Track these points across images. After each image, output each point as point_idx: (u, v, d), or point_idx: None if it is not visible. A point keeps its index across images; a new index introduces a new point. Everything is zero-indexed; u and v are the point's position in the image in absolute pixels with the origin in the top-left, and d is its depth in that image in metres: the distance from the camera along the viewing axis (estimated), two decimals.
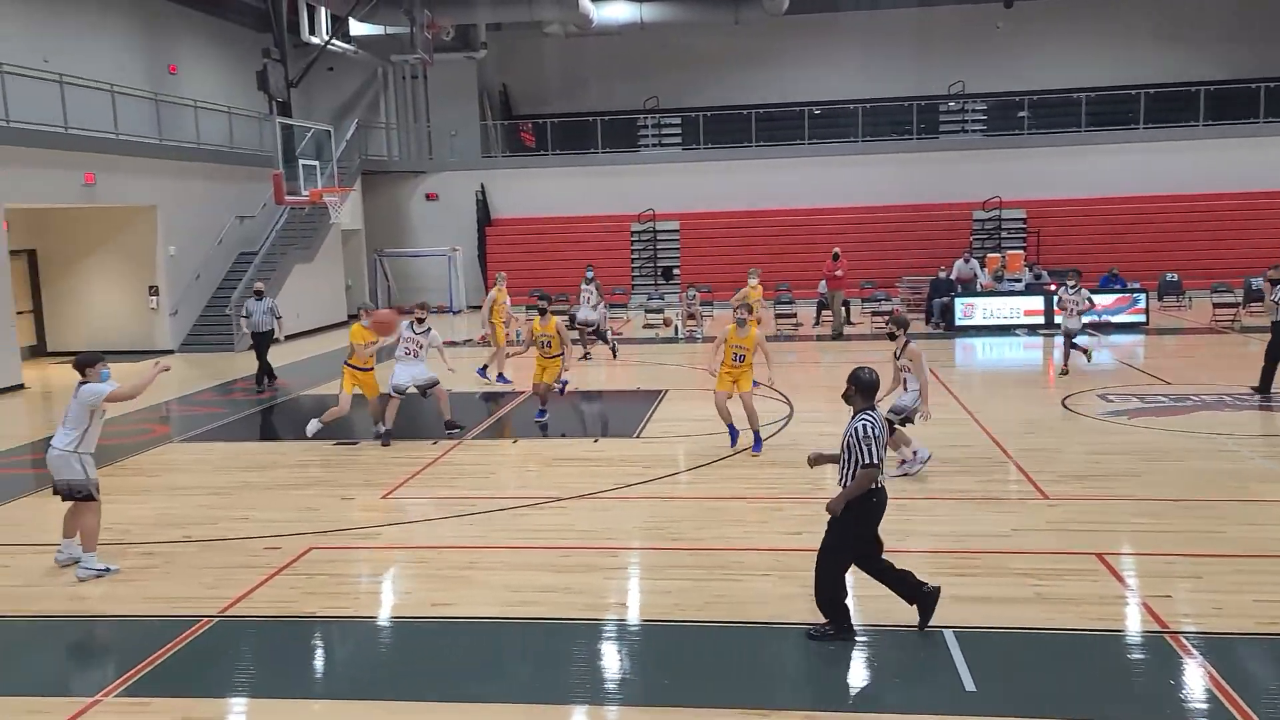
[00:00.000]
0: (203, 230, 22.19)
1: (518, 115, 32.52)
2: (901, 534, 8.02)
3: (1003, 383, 16.20)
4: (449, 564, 7.74)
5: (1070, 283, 15.62)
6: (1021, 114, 29.40)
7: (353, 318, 12.83)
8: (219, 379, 17.64)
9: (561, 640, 6.30)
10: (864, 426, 6.03)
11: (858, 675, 5.83)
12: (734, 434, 11.15)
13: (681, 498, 9.47)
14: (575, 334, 17.65)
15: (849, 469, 6.04)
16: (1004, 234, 27.88)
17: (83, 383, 7.72)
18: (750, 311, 11.31)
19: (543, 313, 12.53)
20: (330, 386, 16.57)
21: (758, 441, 11.01)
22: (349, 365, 12.03)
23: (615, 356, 18.28)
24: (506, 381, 15.66)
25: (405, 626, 6.68)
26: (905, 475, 9.76)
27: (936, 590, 6.22)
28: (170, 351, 21.13)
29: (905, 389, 9.88)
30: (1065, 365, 15.57)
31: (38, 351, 21.07)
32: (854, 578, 6.37)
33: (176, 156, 21.37)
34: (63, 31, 20.68)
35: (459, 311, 28.75)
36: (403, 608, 7.03)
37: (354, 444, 12.05)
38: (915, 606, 6.21)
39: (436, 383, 12.22)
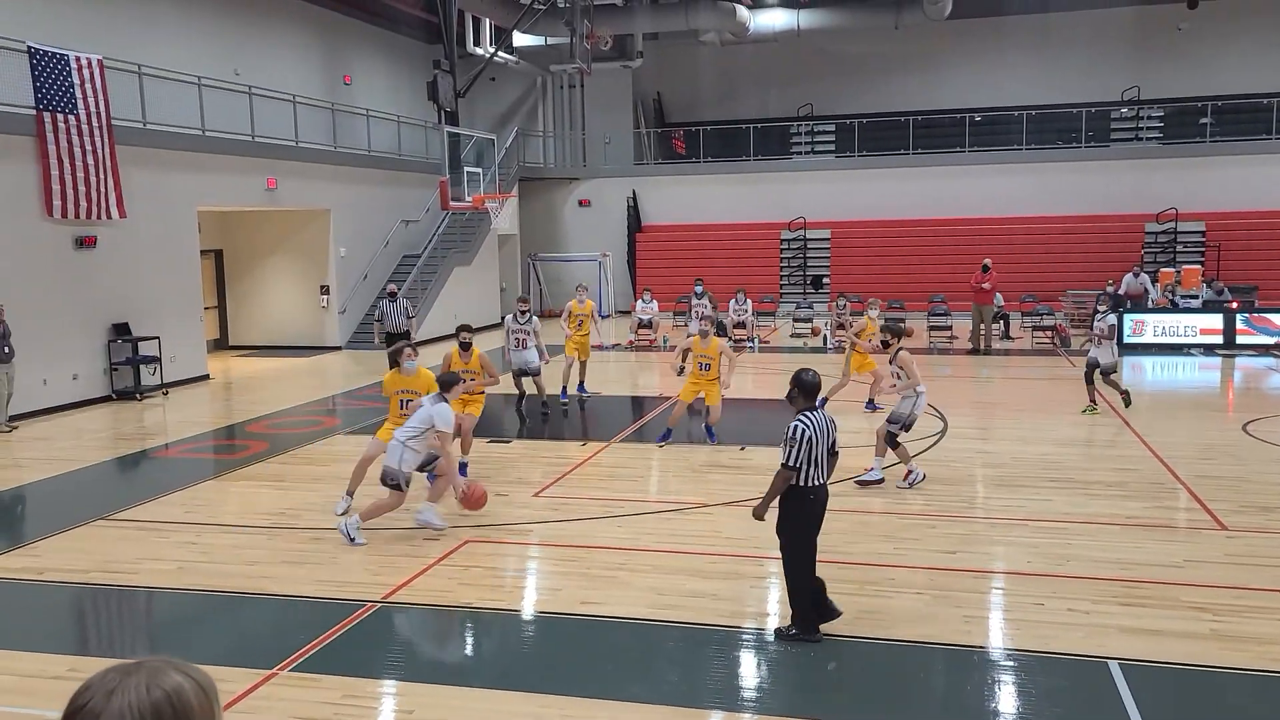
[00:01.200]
0: (370, 233, 23.33)
1: (671, 123, 32.81)
2: (1060, 558, 7.72)
3: (1175, 404, 15.29)
4: (599, 564, 7.89)
5: (1100, 308, 13.81)
6: (1203, 120, 27.67)
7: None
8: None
9: (705, 645, 6.33)
10: (792, 426, 6.11)
11: (1011, 703, 5.63)
12: (667, 434, 11.86)
13: (830, 510, 9.33)
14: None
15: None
16: (1179, 247, 26.31)
17: (441, 398, 8.45)
18: (714, 326, 12.40)
19: (465, 347, 11.13)
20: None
21: (711, 433, 11.81)
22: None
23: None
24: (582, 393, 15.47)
25: (555, 622, 6.85)
26: (910, 487, 9.75)
27: (838, 613, 6.30)
28: (338, 348, 22.31)
29: (901, 396, 10.04)
30: (1092, 400, 13.48)
31: (220, 345, 22.59)
32: (1014, 600, 6.17)
33: (349, 163, 22.56)
34: (251, 46, 22.16)
35: (608, 316, 29.20)
36: (553, 603, 7.22)
37: (506, 442, 12.42)
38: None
39: (539, 371, 13.58)
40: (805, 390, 6.35)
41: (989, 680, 5.81)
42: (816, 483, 6.20)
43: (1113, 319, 13.54)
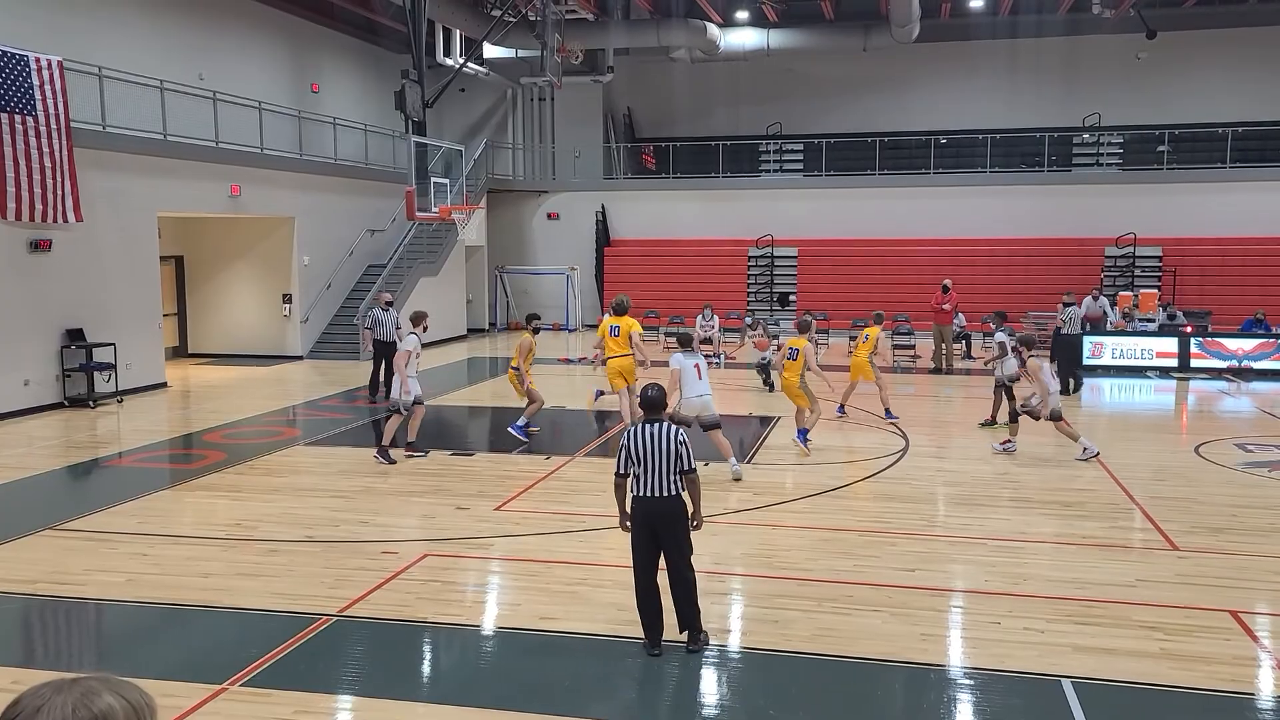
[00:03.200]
0: (335, 242, 23.15)
1: (641, 138, 32.92)
2: (1017, 577, 7.79)
3: (1132, 426, 15.53)
4: (559, 579, 7.85)
5: (992, 325, 15.07)
6: (1161, 148, 28.23)
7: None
8: (344, 386, 18.33)
9: (666, 662, 6.31)
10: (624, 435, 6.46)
11: (973, 719, 5.67)
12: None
13: (791, 526, 9.39)
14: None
15: None
16: (1137, 272, 26.77)
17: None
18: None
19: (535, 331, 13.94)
20: (450, 398, 17.07)
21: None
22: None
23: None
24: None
25: (514, 637, 6.79)
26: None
27: (655, 649, 6.35)
28: (300, 357, 22.08)
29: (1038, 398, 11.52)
30: (992, 415, 14.16)
31: (179, 352, 22.28)
32: (971, 618, 6.20)
33: (315, 171, 22.38)
34: (217, 51, 21.96)
35: (574, 330, 29.19)
36: (512, 619, 7.16)
37: (469, 455, 12.34)
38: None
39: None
40: (644, 403, 6.58)
41: (945, 699, 5.84)
42: (645, 493, 6.30)
43: (1001, 336, 14.29)
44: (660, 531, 6.34)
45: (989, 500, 10.18)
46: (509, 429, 13.08)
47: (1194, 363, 19.83)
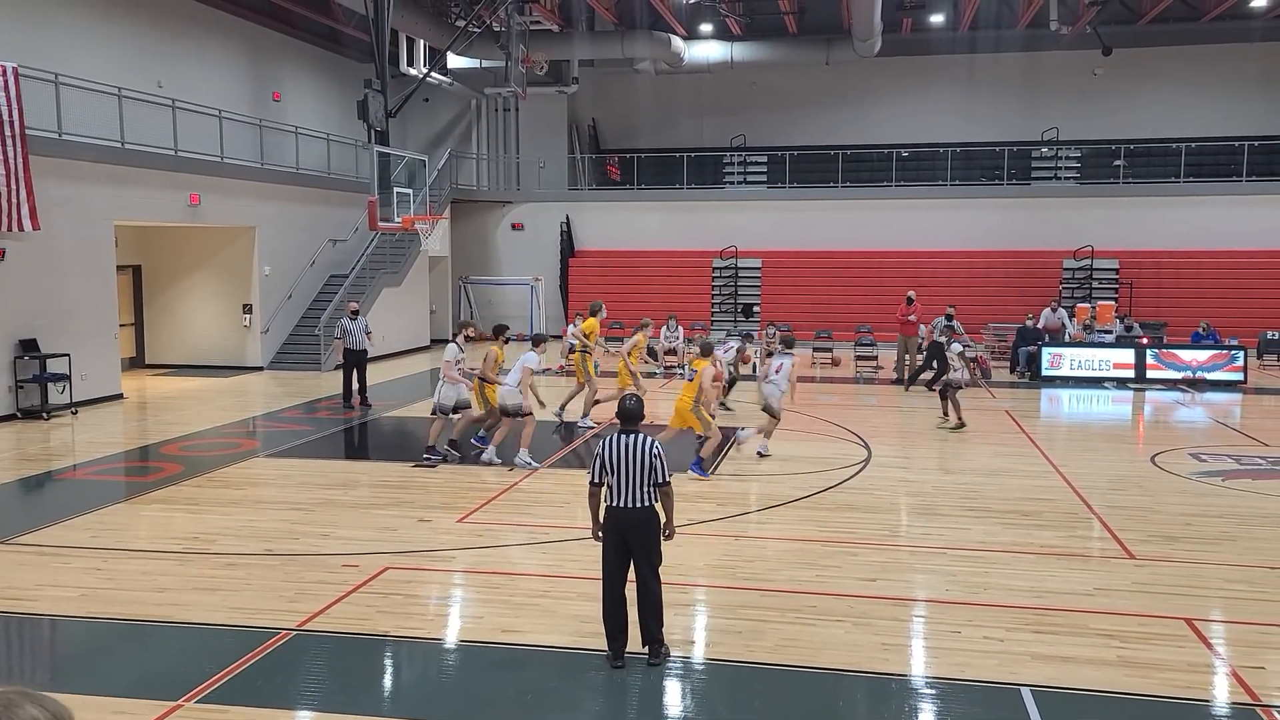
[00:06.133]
0: (296, 252, 22.93)
1: (606, 149, 32.98)
2: (977, 587, 7.86)
3: (1090, 436, 15.75)
4: (522, 591, 7.80)
5: (941, 339, 16.97)
6: (1117, 162, 28.76)
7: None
8: (305, 397, 18.14)
9: (630, 674, 6.29)
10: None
11: None
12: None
13: (754, 537, 9.42)
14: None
15: None
16: (1095, 284, 27.20)
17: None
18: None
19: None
20: (413, 409, 16.94)
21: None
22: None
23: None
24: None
25: (476, 651, 6.74)
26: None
27: (618, 661, 6.33)
28: (260, 368, 21.82)
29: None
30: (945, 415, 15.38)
31: (136, 363, 21.93)
32: (932, 627, 6.25)
33: (276, 180, 22.17)
34: (176, 58, 21.71)
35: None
36: (474, 632, 7.11)
37: (432, 466, 12.25)
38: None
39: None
40: (620, 414, 6.68)
41: (906, 708, 5.87)
42: (619, 503, 6.32)
43: (957, 346, 15.67)
44: (631, 542, 6.33)
45: (950, 510, 10.27)
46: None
47: (1150, 374, 20.17)
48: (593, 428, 14.84)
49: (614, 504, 6.35)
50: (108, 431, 14.96)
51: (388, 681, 6.44)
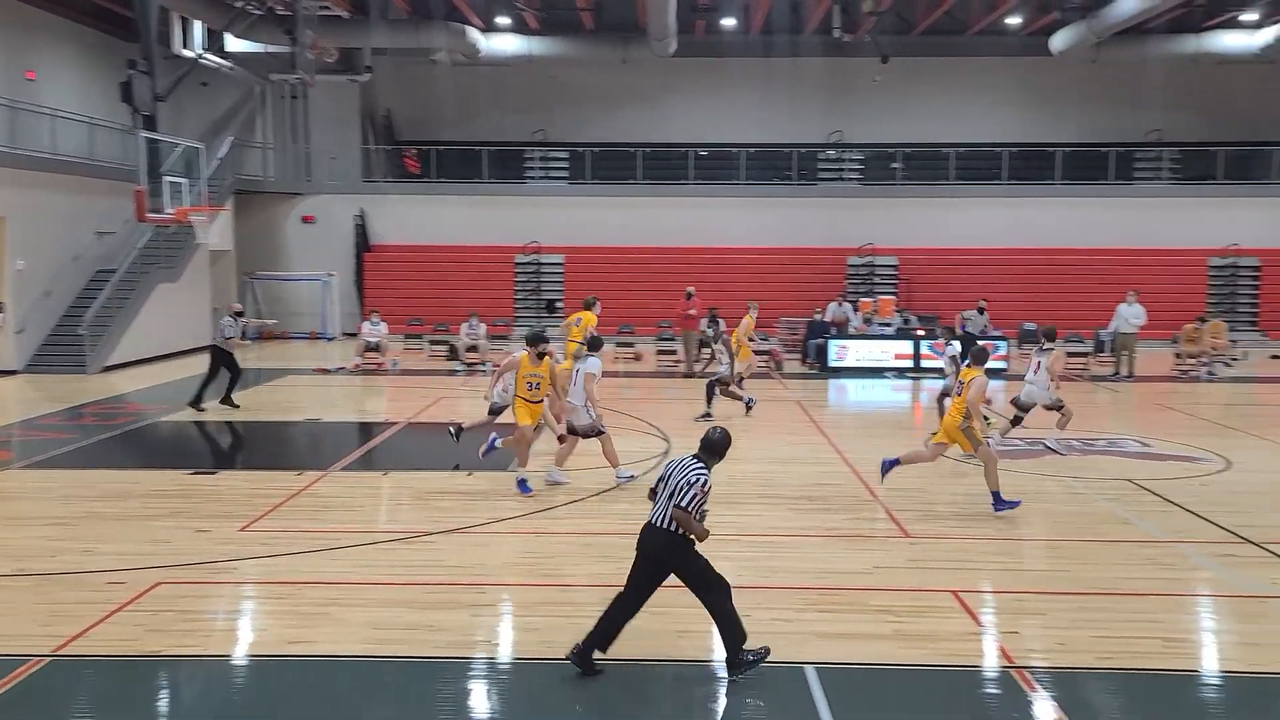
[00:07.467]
0: (56, 245, 21.06)
1: (401, 140, 32.10)
2: (768, 570, 8.15)
3: (872, 424, 16.68)
4: (309, 600, 7.44)
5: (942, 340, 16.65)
6: (895, 165, 30.63)
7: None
8: (68, 402, 16.68)
9: (424, 680, 6.12)
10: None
11: (716, 713, 5.83)
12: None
13: (556, 533, 9.38)
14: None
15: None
16: (876, 279, 28.87)
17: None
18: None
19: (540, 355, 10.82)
20: (192, 412, 15.88)
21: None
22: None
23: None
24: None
25: (262, 665, 6.38)
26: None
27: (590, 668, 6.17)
28: (15, 371, 19.90)
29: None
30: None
31: None
32: (698, 611, 6.39)
33: (30, 166, 20.25)
34: None
35: (333, 338, 28.01)
36: (257, 646, 6.72)
37: (213, 473, 11.52)
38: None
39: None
40: (704, 446, 6.43)
41: (700, 695, 6.00)
42: (650, 519, 6.26)
43: (956, 346, 15.29)
44: (647, 563, 6.19)
45: (745, 498, 10.58)
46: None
47: (924, 364, 21.56)
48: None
49: (648, 519, 6.20)
50: None
51: (160, 705, 5.98)
